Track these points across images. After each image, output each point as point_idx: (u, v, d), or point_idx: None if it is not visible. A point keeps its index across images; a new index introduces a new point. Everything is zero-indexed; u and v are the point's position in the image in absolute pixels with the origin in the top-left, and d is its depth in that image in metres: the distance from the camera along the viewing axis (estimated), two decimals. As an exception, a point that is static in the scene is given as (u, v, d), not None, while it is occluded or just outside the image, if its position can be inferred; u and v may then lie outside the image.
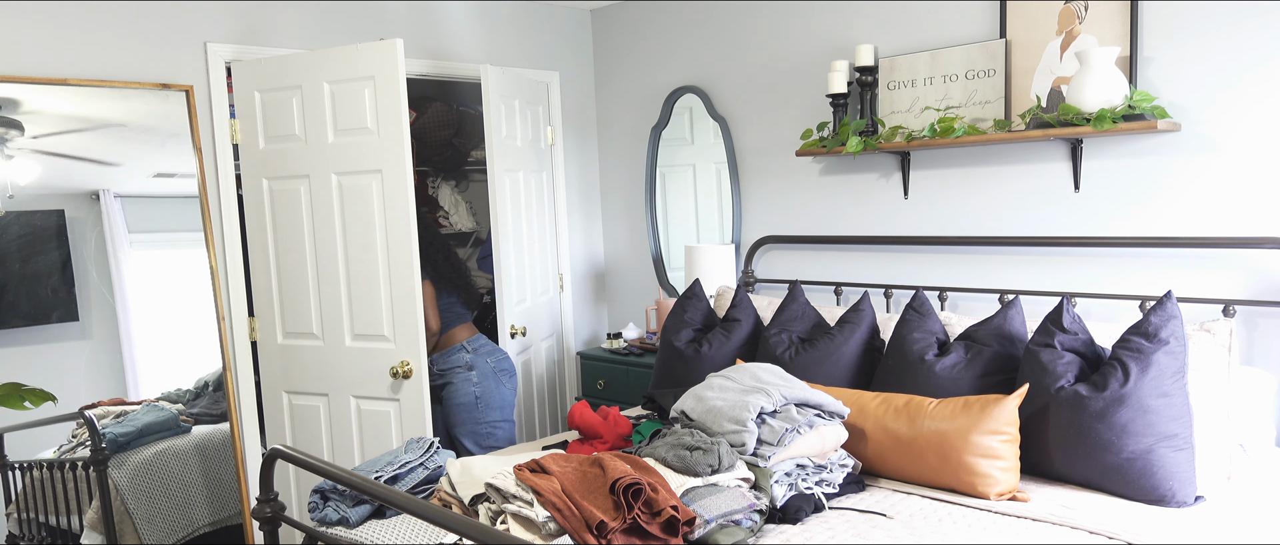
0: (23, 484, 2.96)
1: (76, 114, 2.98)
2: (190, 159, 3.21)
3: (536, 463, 2.01)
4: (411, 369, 3.13)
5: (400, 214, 3.09)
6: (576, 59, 4.47)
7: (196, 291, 3.25)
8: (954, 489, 2.26)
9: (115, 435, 3.05)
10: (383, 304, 3.15)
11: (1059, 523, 2.03)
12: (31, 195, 2.91)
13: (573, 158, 4.46)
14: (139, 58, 3.09)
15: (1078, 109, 2.69)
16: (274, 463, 2.06)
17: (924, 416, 2.31)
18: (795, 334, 2.94)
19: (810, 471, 2.24)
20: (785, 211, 3.80)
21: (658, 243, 4.36)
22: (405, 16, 3.75)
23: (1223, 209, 2.67)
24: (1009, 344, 2.50)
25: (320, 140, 3.17)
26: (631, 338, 4.21)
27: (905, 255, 3.40)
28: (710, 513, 1.93)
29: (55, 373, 2.95)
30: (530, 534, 1.88)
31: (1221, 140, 2.65)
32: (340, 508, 2.21)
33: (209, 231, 3.25)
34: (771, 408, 2.27)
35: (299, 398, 3.37)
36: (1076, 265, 2.97)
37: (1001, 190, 3.13)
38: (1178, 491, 2.13)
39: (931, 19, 3.24)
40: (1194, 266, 2.73)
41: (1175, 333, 2.19)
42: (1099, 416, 2.18)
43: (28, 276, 2.92)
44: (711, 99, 4.02)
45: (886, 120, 3.30)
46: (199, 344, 3.27)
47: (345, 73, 3.10)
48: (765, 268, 3.89)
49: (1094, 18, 2.83)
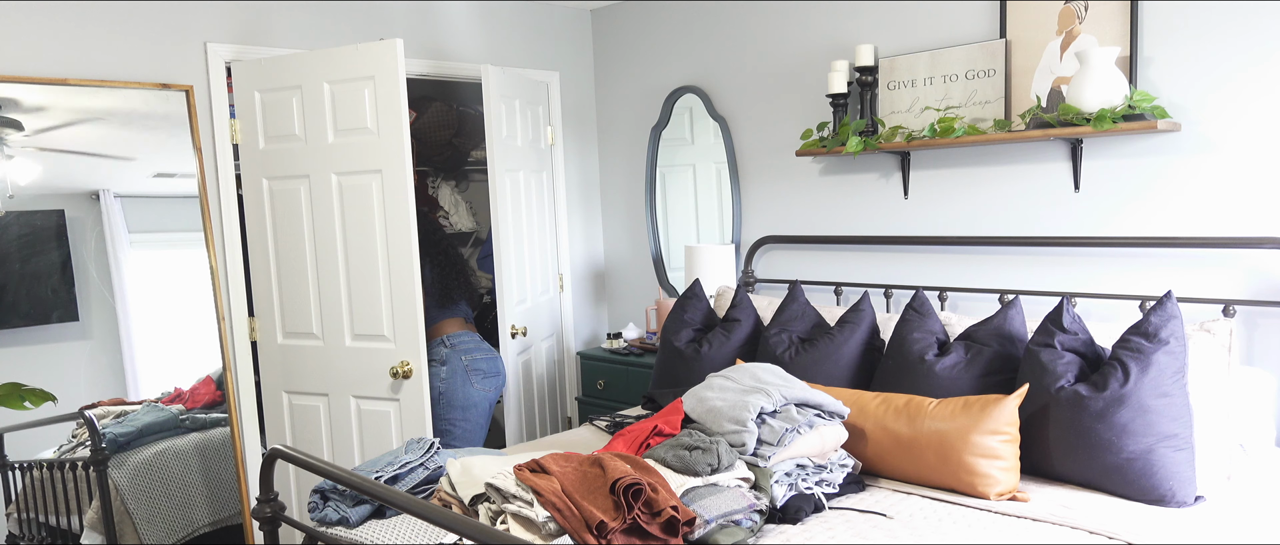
0: (23, 484, 2.96)
1: (77, 114, 2.98)
2: (190, 159, 3.21)
3: (536, 463, 2.01)
4: (411, 369, 3.13)
5: (400, 214, 3.09)
6: (576, 59, 4.47)
7: (196, 291, 3.25)
8: (954, 489, 2.26)
9: (115, 435, 3.05)
10: (382, 304, 3.16)
11: (1059, 523, 2.03)
12: (31, 195, 2.91)
13: (573, 158, 4.46)
14: (139, 58, 3.09)
15: (1078, 109, 2.69)
16: (274, 463, 2.07)
17: (924, 416, 2.31)
18: (795, 334, 2.94)
19: (810, 471, 2.24)
20: (785, 211, 3.80)
21: (658, 243, 4.36)
22: (406, 16, 3.75)
23: (1222, 209, 2.67)
24: (1009, 344, 2.50)
25: (320, 140, 3.17)
26: (631, 338, 4.21)
27: (905, 255, 3.40)
28: (710, 513, 1.93)
29: (55, 373, 2.95)
30: (530, 534, 1.88)
31: (1221, 140, 2.65)
32: (340, 508, 2.21)
33: (209, 231, 3.25)
34: (772, 408, 2.27)
35: (299, 398, 3.37)
36: (1076, 265, 2.97)
37: (1001, 190, 3.13)
38: (1178, 491, 2.13)
39: (931, 19, 3.24)
40: (1194, 266, 2.73)
41: (1175, 333, 2.19)
42: (1099, 416, 2.18)
43: (28, 276, 2.92)
44: (711, 99, 4.02)
45: (886, 120, 3.30)
46: (199, 344, 3.27)
47: (345, 73, 3.10)
48: (765, 268, 3.89)
49: (1094, 18, 2.83)
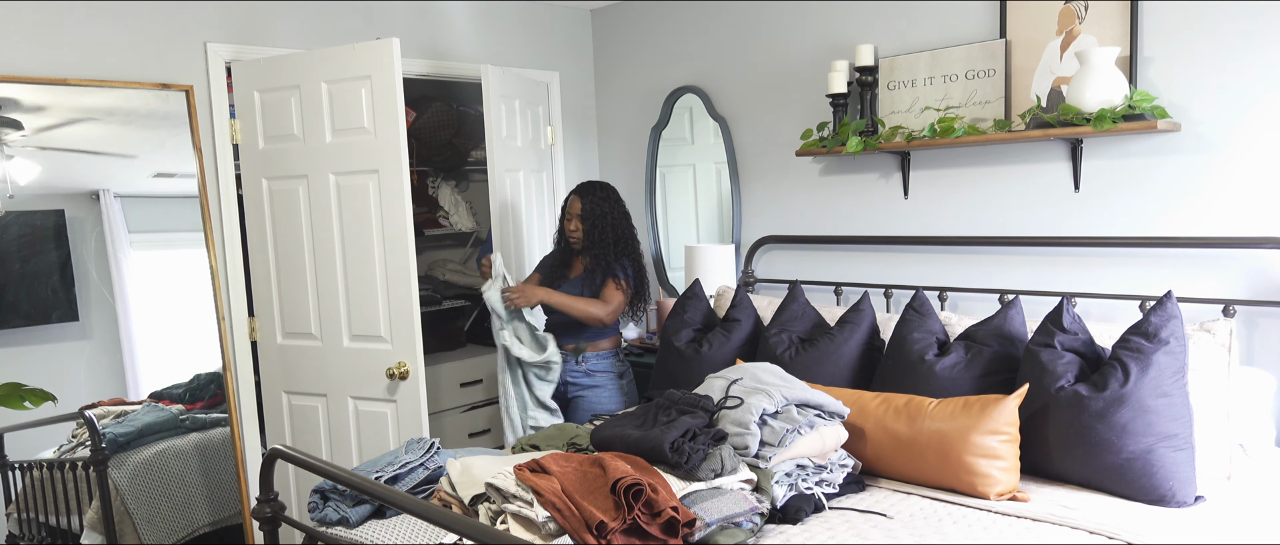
0: (23, 484, 2.96)
1: (77, 114, 2.98)
2: (190, 159, 3.21)
3: (536, 463, 2.01)
4: (408, 370, 3.12)
5: (397, 214, 3.08)
6: (576, 59, 4.47)
7: (196, 291, 3.25)
8: (954, 489, 2.26)
9: (115, 435, 3.05)
10: (380, 305, 3.15)
11: (1059, 523, 2.03)
12: (31, 195, 2.91)
13: (573, 158, 4.46)
14: (139, 58, 3.09)
15: (1078, 109, 2.69)
16: (274, 463, 2.06)
17: (924, 416, 2.31)
18: (795, 334, 2.94)
19: (810, 471, 2.24)
20: (785, 211, 3.80)
21: (658, 243, 4.36)
22: (405, 16, 3.75)
23: (1222, 209, 2.67)
24: (1009, 344, 2.50)
25: (318, 140, 3.17)
26: (631, 338, 4.21)
27: (905, 255, 3.40)
28: (712, 515, 1.92)
29: (55, 373, 2.95)
30: (530, 534, 1.88)
31: (1221, 140, 2.65)
32: (340, 508, 2.21)
33: (209, 231, 3.25)
34: (773, 409, 2.27)
35: (298, 398, 3.37)
36: (1076, 265, 2.96)
37: (1001, 190, 3.13)
38: (1178, 491, 2.13)
39: (931, 19, 3.24)
40: (1194, 266, 2.73)
41: (1175, 333, 2.19)
42: (1099, 416, 2.18)
43: (28, 276, 2.92)
44: (711, 99, 4.02)
45: (886, 120, 3.30)
46: (199, 344, 3.27)
47: (342, 72, 3.09)
48: (765, 268, 3.89)
49: (1094, 18, 2.83)
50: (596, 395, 3.31)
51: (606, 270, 3.25)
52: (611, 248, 3.25)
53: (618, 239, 3.27)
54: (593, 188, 3.31)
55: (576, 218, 3.27)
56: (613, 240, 3.26)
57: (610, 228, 3.26)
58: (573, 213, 3.29)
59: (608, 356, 3.34)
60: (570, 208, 3.30)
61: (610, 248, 3.25)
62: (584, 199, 3.27)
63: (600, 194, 3.29)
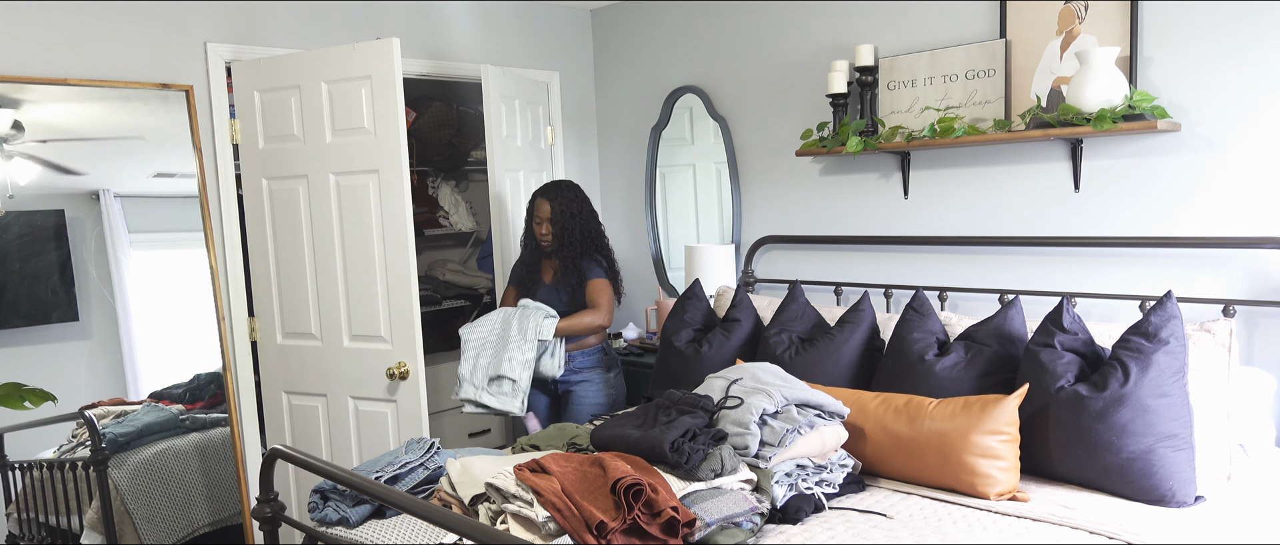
0: (23, 484, 2.96)
1: (77, 114, 2.98)
2: (190, 159, 3.21)
3: (536, 463, 2.01)
4: (408, 370, 3.12)
5: (397, 214, 3.09)
6: (576, 59, 4.47)
7: (196, 291, 3.25)
8: (954, 489, 2.26)
9: (115, 435, 3.05)
10: (380, 305, 3.15)
11: (1059, 523, 2.03)
12: (31, 195, 2.91)
13: (573, 158, 4.46)
14: (139, 58, 3.09)
15: (1078, 109, 2.69)
16: (274, 463, 2.06)
17: (924, 416, 2.31)
18: (795, 334, 2.94)
19: (810, 471, 2.24)
20: (785, 211, 3.80)
21: (658, 243, 4.36)
22: (405, 16, 3.75)
23: (1223, 209, 2.67)
24: (1009, 344, 2.50)
25: (318, 140, 3.17)
26: (631, 338, 4.21)
27: (905, 255, 3.40)
28: (712, 515, 1.92)
29: (55, 373, 2.95)
30: (530, 534, 1.88)
31: (1221, 140, 2.65)
32: (340, 508, 2.21)
33: (209, 231, 3.25)
34: (773, 409, 2.27)
35: (298, 398, 3.37)
36: (1076, 265, 2.96)
37: (1001, 190, 3.13)
38: (1178, 491, 2.13)
39: (931, 19, 3.24)
40: (1194, 266, 2.73)
41: (1175, 333, 2.19)
42: (1099, 416, 2.18)
43: (28, 276, 2.92)
44: (711, 99, 4.02)
45: (886, 120, 3.30)
46: (199, 344, 3.27)
47: (342, 72, 3.10)
48: (765, 268, 3.89)
49: (1094, 18, 2.83)
50: (584, 390, 3.33)
51: (583, 271, 3.25)
52: (581, 247, 3.26)
53: (587, 237, 3.28)
54: (559, 188, 3.28)
55: (546, 221, 3.25)
56: (582, 239, 3.26)
57: (579, 227, 3.25)
58: (542, 216, 3.26)
59: (593, 352, 3.35)
60: (538, 210, 3.27)
61: (580, 247, 3.26)
62: (552, 201, 3.24)
63: (568, 194, 3.27)
